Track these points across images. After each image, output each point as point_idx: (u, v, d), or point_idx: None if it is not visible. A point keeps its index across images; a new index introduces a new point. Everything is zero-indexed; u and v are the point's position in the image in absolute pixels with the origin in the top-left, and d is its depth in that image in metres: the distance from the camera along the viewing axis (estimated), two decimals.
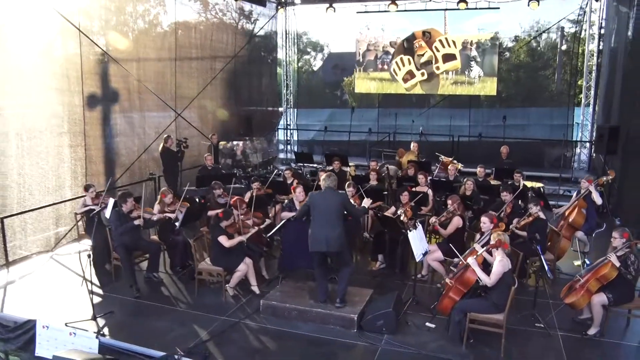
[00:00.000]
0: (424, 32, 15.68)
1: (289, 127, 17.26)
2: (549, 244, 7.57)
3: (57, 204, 8.89)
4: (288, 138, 17.57)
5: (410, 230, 6.31)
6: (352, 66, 17.36)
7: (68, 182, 9.12)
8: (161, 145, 10.83)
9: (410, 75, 16.05)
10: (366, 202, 6.69)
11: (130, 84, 10.66)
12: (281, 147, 17.67)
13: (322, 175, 6.44)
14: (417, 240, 6.29)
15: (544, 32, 16.52)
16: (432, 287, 7.39)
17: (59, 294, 7.19)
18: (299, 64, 21.82)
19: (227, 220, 7.04)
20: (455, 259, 6.43)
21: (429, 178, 9.74)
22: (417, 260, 6.39)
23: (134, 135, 10.69)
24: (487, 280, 5.57)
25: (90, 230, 8.24)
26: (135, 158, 10.79)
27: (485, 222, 6.58)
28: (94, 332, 6.03)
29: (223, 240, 6.94)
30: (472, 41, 15.49)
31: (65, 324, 6.22)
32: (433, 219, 7.44)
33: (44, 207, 8.64)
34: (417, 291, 6.88)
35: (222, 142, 13.00)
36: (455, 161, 11.01)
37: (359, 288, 6.95)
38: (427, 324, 6.25)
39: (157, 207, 8.09)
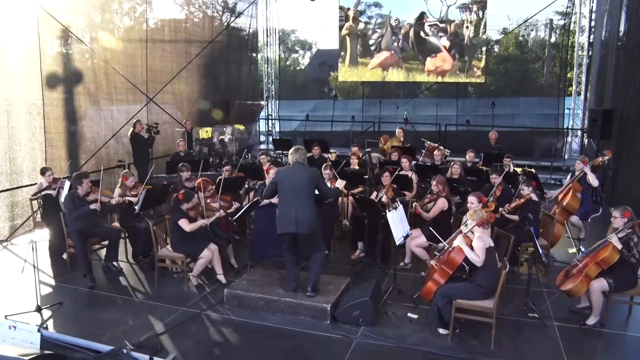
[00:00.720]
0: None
1: (270, 117, 16.58)
2: (541, 230, 7.02)
3: (12, 189, 8.17)
4: (270, 129, 16.92)
5: (389, 211, 5.70)
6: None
7: (25, 167, 8.38)
8: (130, 130, 10.16)
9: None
10: (340, 183, 6.09)
11: (96, 65, 9.96)
12: (262, 138, 17.03)
13: (290, 150, 5.80)
14: (397, 221, 5.68)
15: (529, 19, 16.02)
16: (415, 276, 6.79)
17: (6, 286, 6.50)
18: (287, 62, 21.25)
19: (187, 202, 6.39)
20: (440, 244, 5.83)
21: (414, 162, 9.15)
22: (397, 243, 5.77)
23: (101, 119, 9.98)
24: (477, 258, 4.97)
25: (46, 217, 7.61)
26: (102, 144, 10.06)
27: (472, 202, 5.99)
28: (36, 325, 5.38)
29: (183, 223, 6.29)
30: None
31: (5, 317, 5.56)
32: (415, 203, 6.83)
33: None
34: (398, 280, 6.28)
35: (205, 130, 12.34)
36: (441, 147, 10.43)
37: (334, 277, 6.34)
38: (409, 314, 5.65)
39: (117, 190, 7.42)
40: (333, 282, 6.09)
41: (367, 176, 8.72)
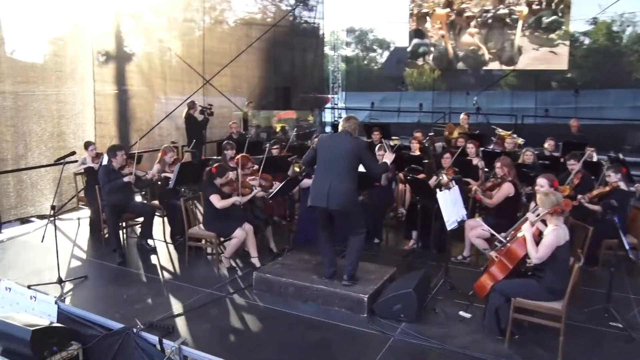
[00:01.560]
0: None
1: (335, 107, 15.94)
2: (630, 225, 5.90)
3: (58, 164, 8.03)
4: (335, 119, 16.29)
5: (441, 191, 4.89)
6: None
7: (72, 144, 8.27)
8: (184, 111, 9.90)
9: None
10: (388, 157, 5.33)
11: (150, 43, 9.77)
12: (328, 129, 16.45)
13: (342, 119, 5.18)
14: (449, 203, 4.87)
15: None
16: (473, 271, 5.85)
17: (40, 259, 6.28)
18: (364, 61, 20.54)
19: (220, 177, 5.89)
20: (503, 234, 4.93)
21: (481, 149, 8.18)
22: (449, 228, 4.94)
23: (154, 99, 9.77)
24: (535, 254, 4.07)
25: (88, 192, 7.42)
26: (155, 124, 9.86)
27: (542, 184, 5.05)
28: (55, 297, 5.10)
29: (214, 199, 5.79)
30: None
31: (29, 287, 5.33)
32: (474, 187, 5.92)
33: (40, 167, 7.83)
34: (453, 275, 5.45)
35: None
36: (514, 135, 9.34)
37: (379, 266, 5.60)
38: (461, 313, 4.80)
39: (156, 166, 7.09)
40: (376, 272, 5.36)
41: (426, 160, 7.86)
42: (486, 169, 7.51)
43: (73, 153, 6.12)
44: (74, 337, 4.67)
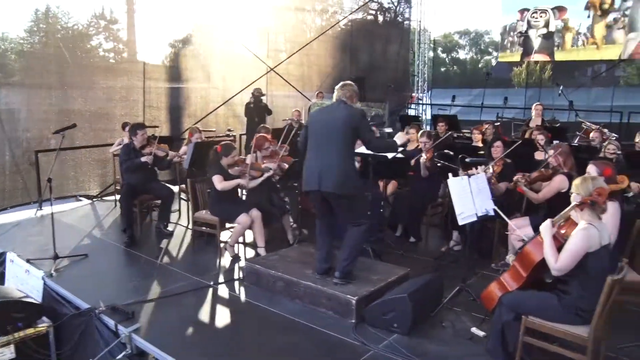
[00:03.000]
0: None
1: (420, 101, 14.82)
2: None
3: (101, 146, 8.08)
4: (419, 114, 15.22)
5: (457, 175, 3.92)
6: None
7: (118, 127, 8.25)
8: (249, 99, 9.57)
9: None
10: (400, 137, 4.40)
11: (206, 27, 9.57)
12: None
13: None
14: (465, 191, 3.88)
15: None
16: None
17: (62, 236, 6.16)
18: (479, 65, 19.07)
19: (226, 156, 5.34)
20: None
21: (555, 142, 6.85)
22: (460, 222, 3.95)
23: (210, 83, 9.56)
24: (553, 261, 3.00)
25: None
26: (211, 110, 9.64)
27: (590, 171, 3.88)
28: (43, 273, 4.89)
29: (216, 180, 5.25)
30: None
31: (27, 260, 5.20)
32: (517, 176, 4.77)
33: (83, 147, 7.87)
34: (485, 283, 4.41)
35: None
36: (605, 130, 7.80)
37: (394, 266, 4.72)
38: (474, 329, 3.79)
39: (183, 148, 6.78)
40: (383, 272, 4.50)
41: (482, 152, 6.73)
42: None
43: (74, 125, 5.94)
44: (49, 315, 4.41)
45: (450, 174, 3.96)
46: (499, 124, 8.06)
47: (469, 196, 3.90)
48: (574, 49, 13.11)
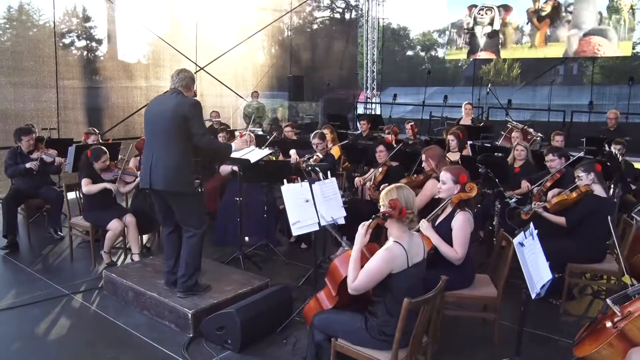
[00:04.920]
0: None
1: (368, 100, 14.64)
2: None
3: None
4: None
5: (293, 182, 3.75)
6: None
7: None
8: None
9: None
10: (238, 143, 4.20)
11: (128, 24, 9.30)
12: None
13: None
14: (303, 198, 3.71)
15: None
16: None
17: None
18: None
19: (96, 161, 5.15)
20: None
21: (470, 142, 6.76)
22: (294, 232, 3.78)
23: (132, 83, 9.31)
24: (351, 280, 2.80)
25: None
26: (134, 110, 9.40)
27: (445, 180, 3.72)
28: None
29: (82, 183, 5.06)
30: None
31: None
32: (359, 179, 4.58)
33: None
34: None
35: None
36: (530, 130, 7.67)
37: (252, 275, 4.55)
38: None
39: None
40: (239, 282, 4.33)
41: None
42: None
43: None
44: None
45: (285, 180, 3.77)
46: (412, 123, 7.88)
47: (310, 204, 3.72)
48: (518, 46, 13.02)
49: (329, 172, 3.99)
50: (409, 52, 35.05)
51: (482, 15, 13.05)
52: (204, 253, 4.27)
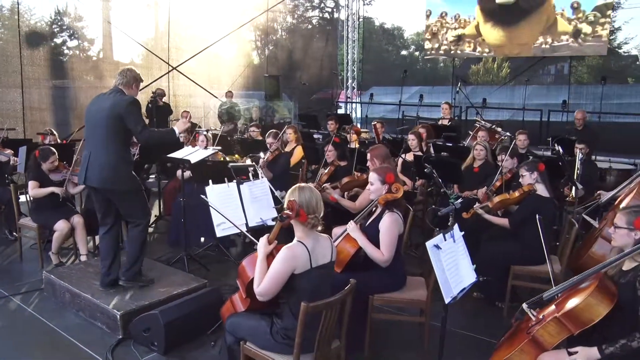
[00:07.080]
0: None
1: (349, 99, 14.59)
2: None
3: None
4: (349, 112, 14.99)
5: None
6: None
7: None
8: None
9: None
10: (180, 125, 4.18)
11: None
12: None
13: None
14: (230, 199, 3.68)
15: None
16: None
17: None
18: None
19: (44, 161, 5.12)
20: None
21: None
22: (219, 235, 3.77)
23: (101, 82, 9.25)
24: (256, 285, 2.76)
25: None
26: None
27: (373, 181, 3.68)
28: None
29: (30, 186, 5.04)
30: None
31: None
32: (326, 184, 4.56)
33: None
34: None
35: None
36: (499, 129, 7.63)
37: (191, 277, 4.52)
38: None
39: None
40: (176, 282, 4.30)
41: None
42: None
43: None
44: None
45: (210, 181, 3.74)
46: (376, 123, 7.85)
47: (237, 204, 3.69)
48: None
49: (260, 173, 3.95)
50: (403, 52, 35.02)
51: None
52: (150, 253, 4.29)
